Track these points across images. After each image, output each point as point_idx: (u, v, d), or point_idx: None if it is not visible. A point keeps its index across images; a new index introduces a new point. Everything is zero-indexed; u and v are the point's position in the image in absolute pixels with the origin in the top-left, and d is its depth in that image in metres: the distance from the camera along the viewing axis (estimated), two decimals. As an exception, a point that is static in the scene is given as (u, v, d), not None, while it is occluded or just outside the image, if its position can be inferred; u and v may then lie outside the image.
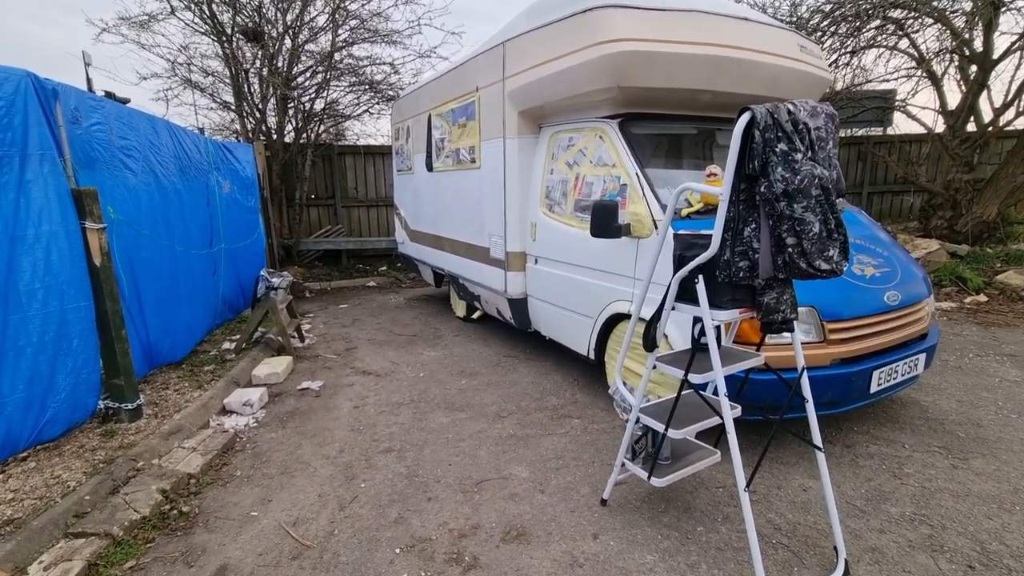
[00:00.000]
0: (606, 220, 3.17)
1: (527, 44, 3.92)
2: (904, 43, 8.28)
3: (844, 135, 10.16)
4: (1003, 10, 7.10)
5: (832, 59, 8.44)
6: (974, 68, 7.64)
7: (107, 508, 2.52)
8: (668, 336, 3.07)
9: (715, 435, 2.58)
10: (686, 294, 2.10)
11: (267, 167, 8.19)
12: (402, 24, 13.72)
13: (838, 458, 2.99)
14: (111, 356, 3.33)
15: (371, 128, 17.31)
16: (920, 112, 8.74)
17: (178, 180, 4.63)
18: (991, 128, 7.84)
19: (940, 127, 8.42)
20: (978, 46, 7.51)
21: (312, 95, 8.99)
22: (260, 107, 8.59)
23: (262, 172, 7.60)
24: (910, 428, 3.33)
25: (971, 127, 8.05)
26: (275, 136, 8.72)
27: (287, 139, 8.94)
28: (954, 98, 8.16)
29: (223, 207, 5.61)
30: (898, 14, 7.92)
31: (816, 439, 2.17)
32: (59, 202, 3.03)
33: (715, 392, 2.25)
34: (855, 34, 8.29)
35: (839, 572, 2.08)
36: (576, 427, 3.48)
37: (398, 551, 2.33)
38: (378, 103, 9.54)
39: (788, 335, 2.14)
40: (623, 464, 2.52)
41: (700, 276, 2.00)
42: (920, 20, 7.95)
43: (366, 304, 7.42)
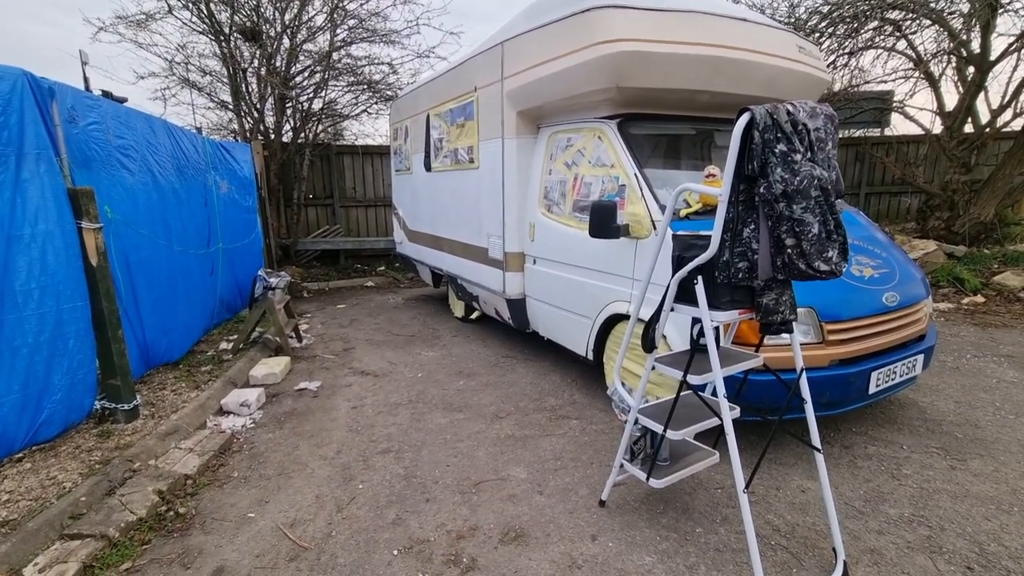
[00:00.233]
0: (605, 220, 3.16)
1: (526, 44, 3.92)
2: (902, 44, 8.31)
3: (842, 136, 10.17)
4: (1000, 12, 7.12)
5: (830, 60, 8.45)
6: (971, 69, 7.66)
7: (103, 509, 2.50)
8: (667, 337, 3.07)
9: (714, 436, 2.58)
10: (685, 295, 2.10)
11: (265, 167, 8.17)
12: (400, 24, 13.73)
13: (837, 459, 2.99)
14: (107, 356, 3.31)
15: (369, 128, 17.34)
16: (918, 113, 8.87)
17: (176, 180, 4.62)
18: (988, 129, 7.87)
19: (938, 128, 8.46)
20: (976, 47, 7.53)
21: (310, 95, 8.98)
22: (258, 107, 8.58)
23: (260, 172, 7.58)
24: (908, 429, 3.33)
25: (969, 128, 8.08)
26: (273, 136, 8.71)
27: (285, 139, 8.93)
28: (951, 99, 8.21)
29: (221, 207, 5.60)
30: (896, 15, 7.94)
31: (815, 440, 2.17)
32: (55, 201, 3.01)
33: (714, 393, 2.25)
34: (853, 35, 8.31)
35: (838, 573, 2.08)
36: (574, 428, 3.47)
37: (396, 553, 2.32)
38: (376, 103, 9.53)
39: (787, 336, 2.14)
40: (622, 465, 2.52)
41: (699, 277, 2.00)
42: (918, 21, 7.97)
43: (364, 304, 7.40)
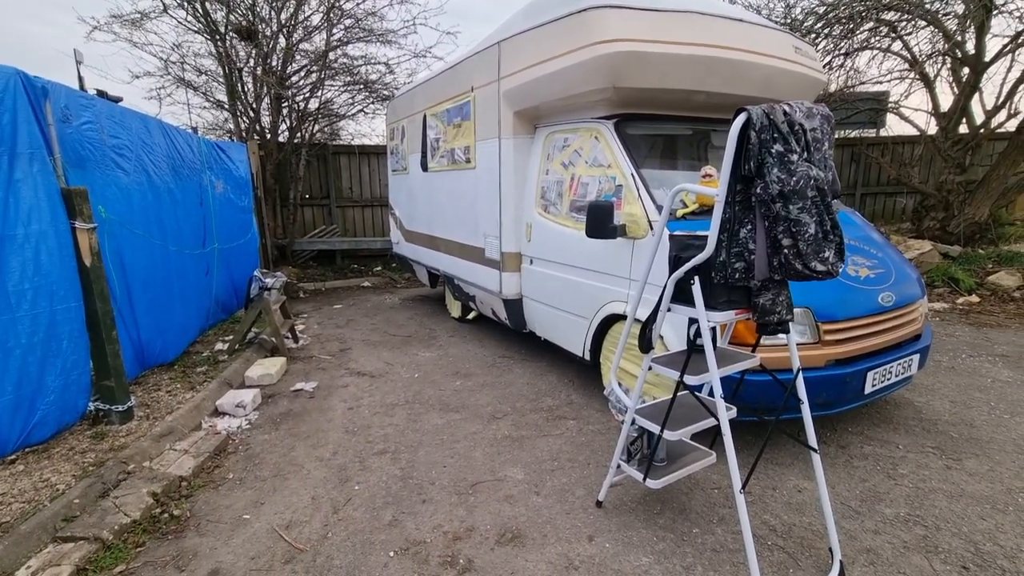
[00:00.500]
0: (601, 221, 3.16)
1: (522, 44, 3.91)
2: (897, 45, 8.34)
3: (838, 136, 10.22)
4: (995, 13, 7.16)
5: (826, 61, 8.48)
6: (966, 70, 7.69)
7: (97, 512, 2.48)
8: (664, 337, 3.07)
9: (711, 436, 2.58)
10: (682, 295, 2.10)
11: (261, 167, 8.15)
12: (397, 24, 13.72)
13: (833, 459, 3.00)
14: (101, 357, 3.29)
15: (366, 128, 17.34)
16: (913, 114, 8.83)
17: (171, 179, 4.59)
18: (983, 130, 7.90)
19: (933, 129, 8.49)
20: (970, 48, 7.56)
21: (306, 94, 8.96)
22: (254, 106, 8.55)
23: (256, 172, 7.55)
24: (904, 429, 3.34)
25: (963, 129, 8.12)
26: (269, 135, 8.68)
27: (281, 139, 8.91)
28: (946, 100, 8.24)
29: (216, 207, 5.57)
30: (891, 16, 7.97)
31: (811, 440, 2.17)
32: (49, 201, 2.99)
33: (711, 393, 2.25)
34: (848, 36, 8.34)
35: (834, 573, 2.08)
36: (571, 428, 3.47)
37: (392, 554, 2.31)
38: (373, 103, 9.52)
39: (783, 336, 2.14)
40: (618, 466, 2.51)
41: (696, 277, 2.00)
42: (913, 22, 8.00)
43: (361, 304, 7.39)
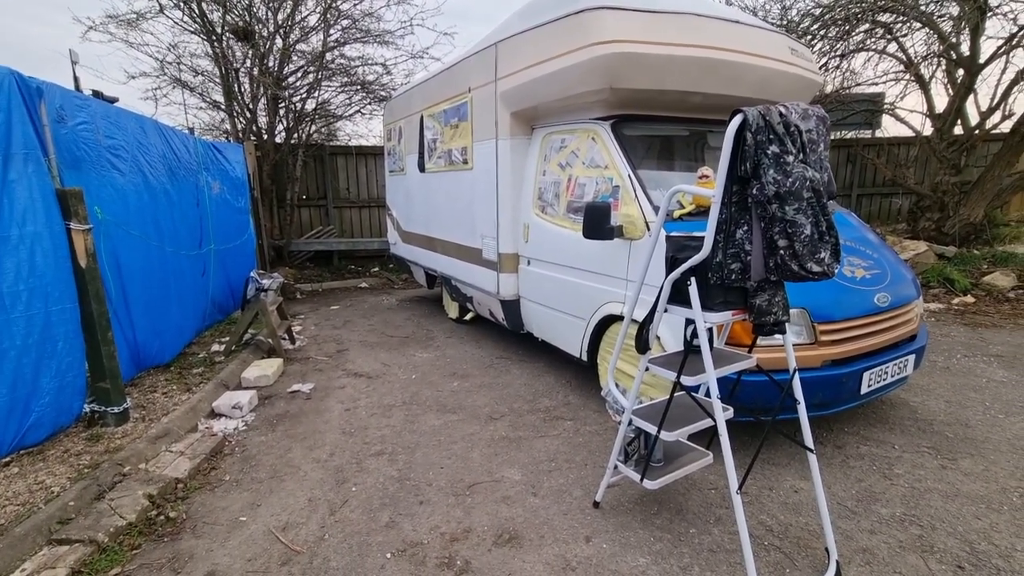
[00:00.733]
0: (598, 222, 3.16)
1: (519, 45, 3.92)
2: (892, 47, 8.37)
3: (834, 138, 10.25)
4: (989, 15, 7.20)
5: (822, 62, 8.50)
6: (961, 72, 7.73)
7: (92, 514, 2.47)
8: (660, 338, 3.08)
9: (707, 437, 2.58)
10: (678, 296, 2.10)
11: (257, 167, 8.13)
12: (394, 24, 13.66)
13: (829, 459, 3.01)
14: (97, 359, 3.27)
15: (363, 129, 17.33)
16: (908, 115, 8.87)
17: (167, 180, 4.58)
18: (978, 131, 7.94)
19: (928, 130, 8.52)
20: (965, 50, 7.60)
21: (303, 95, 8.95)
22: (250, 107, 8.53)
23: (252, 172, 7.54)
24: (900, 429, 3.35)
25: (958, 130, 8.15)
26: (266, 136, 8.66)
27: (278, 139, 8.89)
28: (941, 101, 8.28)
29: (213, 208, 5.56)
30: (886, 18, 8.00)
31: (807, 440, 2.17)
32: (43, 202, 2.98)
33: (707, 394, 2.25)
34: (844, 37, 8.37)
35: (830, 573, 2.08)
36: (569, 429, 3.47)
37: (389, 556, 2.31)
38: (370, 104, 9.51)
39: (780, 337, 2.14)
40: (616, 466, 2.51)
41: (692, 278, 2.00)
42: (908, 24, 8.04)
43: (358, 305, 7.37)
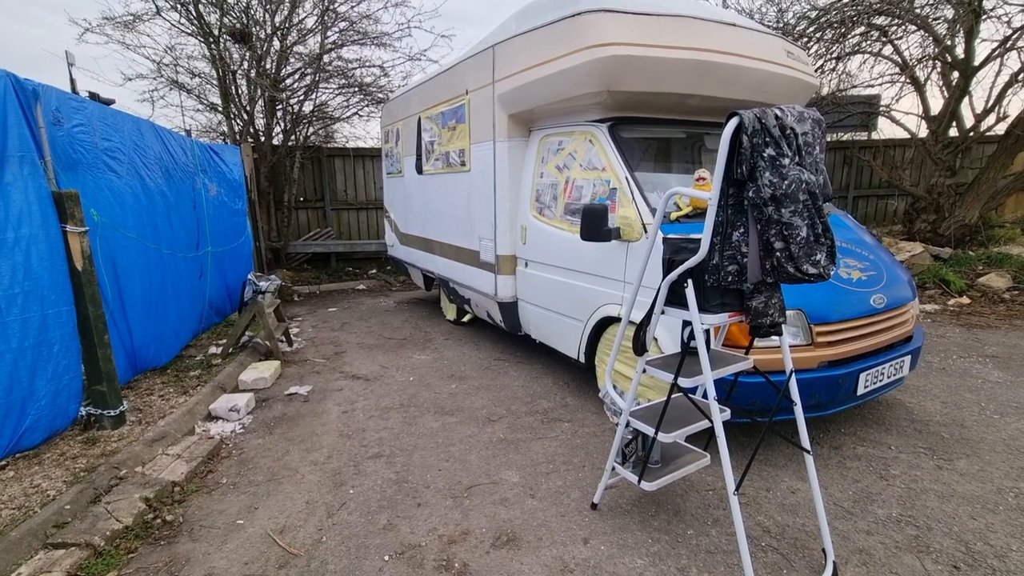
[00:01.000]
0: (596, 224, 3.17)
1: (517, 48, 3.93)
2: (888, 49, 8.42)
3: (830, 139, 10.29)
4: (984, 18, 7.24)
5: (818, 64, 8.54)
6: (956, 74, 7.77)
7: (88, 518, 2.46)
8: (658, 340, 3.08)
9: (704, 438, 2.59)
10: (675, 298, 2.11)
11: (255, 169, 8.12)
12: (392, 27, 13.65)
13: (826, 460, 3.02)
14: (93, 362, 3.26)
15: (361, 130, 17.28)
16: (904, 117, 8.96)
17: (164, 183, 4.57)
18: (972, 133, 7.99)
19: (923, 132, 8.57)
20: (960, 53, 7.64)
21: (301, 97, 8.94)
22: (248, 109, 8.52)
23: (250, 175, 7.53)
24: (896, 429, 3.36)
25: (953, 132, 8.20)
26: (263, 138, 8.65)
27: (275, 141, 8.87)
28: (937, 104, 8.33)
29: (210, 210, 5.55)
30: (882, 21, 8.05)
31: (804, 442, 2.18)
32: (39, 205, 2.97)
33: (705, 395, 2.26)
34: (840, 40, 8.40)
35: (827, 574, 2.09)
36: (566, 431, 3.47)
37: (387, 558, 2.30)
38: (368, 105, 9.50)
39: (777, 338, 2.15)
40: (613, 468, 2.52)
41: (689, 280, 2.01)
42: (903, 27, 8.08)
43: (355, 307, 7.37)
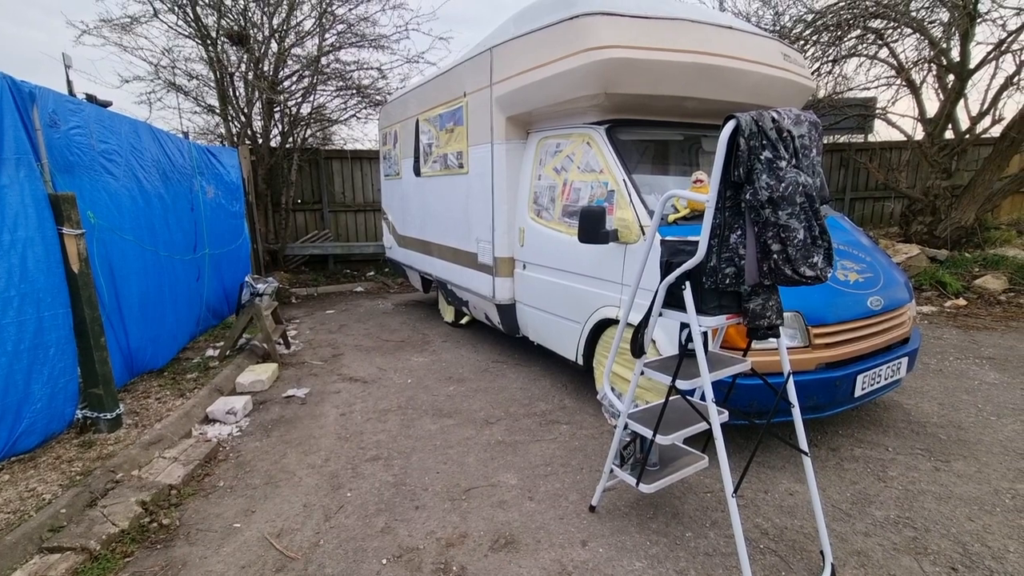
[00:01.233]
0: (593, 226, 3.17)
1: (514, 50, 3.93)
2: (884, 52, 8.46)
3: (826, 142, 10.33)
4: (979, 21, 7.28)
5: (814, 67, 8.58)
6: (951, 77, 7.81)
7: (84, 521, 2.45)
8: (656, 342, 3.09)
9: (703, 440, 2.59)
10: (673, 300, 2.11)
11: (252, 171, 8.10)
12: (389, 29, 13.66)
13: (824, 461, 3.02)
14: (89, 364, 3.25)
15: (358, 133, 17.29)
16: (900, 120, 8.95)
17: (161, 185, 4.56)
18: (968, 136, 8.02)
19: (919, 134, 8.61)
20: (955, 56, 7.68)
21: (298, 99, 8.93)
22: (245, 111, 8.51)
23: (247, 177, 7.51)
24: (893, 431, 3.37)
25: (949, 134, 8.24)
26: (261, 140, 8.64)
27: (273, 143, 8.87)
28: (932, 106, 8.36)
29: (207, 212, 5.54)
30: (878, 24, 8.09)
31: (802, 443, 2.18)
32: (35, 207, 2.96)
33: (702, 397, 2.26)
34: (836, 43, 8.45)
35: (826, 576, 2.09)
36: (565, 433, 3.47)
37: (385, 562, 2.30)
38: (365, 108, 9.50)
39: (774, 340, 2.16)
40: (611, 470, 2.51)
41: (687, 282, 2.01)
42: (899, 30, 8.12)
43: (353, 310, 7.36)
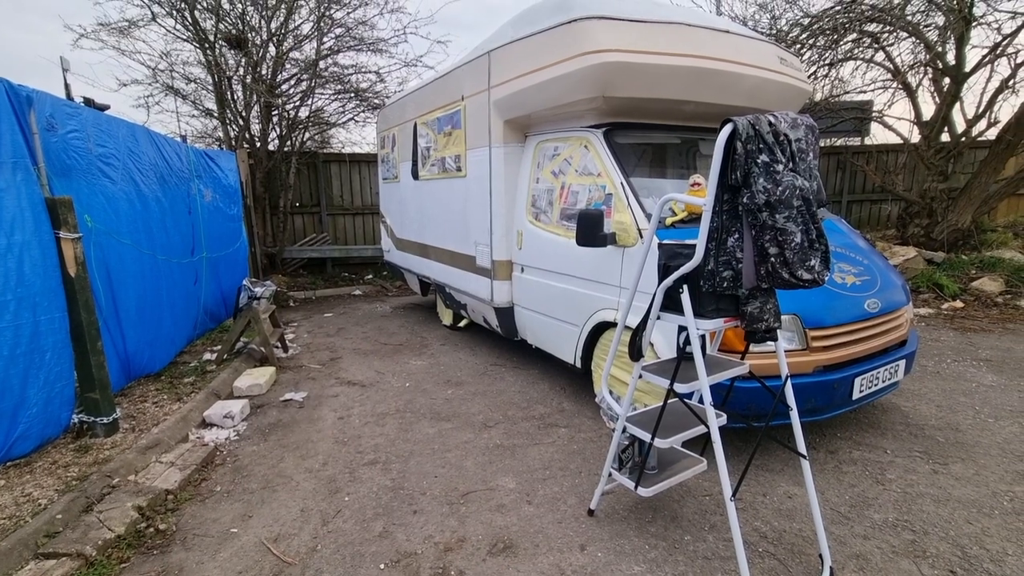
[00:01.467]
0: (591, 229, 3.18)
1: (512, 54, 3.94)
2: (880, 56, 8.50)
3: (823, 145, 10.37)
4: (974, 24, 7.33)
5: (811, 71, 8.62)
6: (947, 80, 7.85)
7: (80, 527, 2.43)
8: (654, 345, 3.09)
9: (701, 444, 2.59)
10: (671, 303, 2.11)
11: (250, 175, 8.10)
12: (388, 33, 13.70)
13: (822, 464, 3.02)
14: (86, 368, 3.24)
15: (357, 136, 17.34)
16: (896, 123, 9.00)
17: (159, 188, 4.56)
18: (964, 138, 8.06)
19: (916, 137, 8.64)
20: (951, 59, 7.73)
21: (297, 103, 8.95)
22: (243, 114, 8.52)
23: (245, 180, 7.51)
24: (892, 434, 3.37)
25: (945, 137, 8.27)
26: (259, 144, 8.65)
27: (271, 147, 8.87)
28: (928, 109, 8.41)
29: (205, 215, 5.53)
30: (874, 28, 8.14)
31: (800, 446, 2.18)
32: (32, 211, 2.95)
33: (701, 400, 2.26)
34: (833, 47, 8.49)
35: (825, 580, 2.09)
36: (563, 436, 3.46)
37: (382, 567, 2.29)
38: (364, 111, 9.52)
39: (772, 343, 2.16)
40: (610, 474, 2.51)
41: (685, 286, 2.01)
42: (895, 34, 8.17)
43: (351, 313, 7.35)
